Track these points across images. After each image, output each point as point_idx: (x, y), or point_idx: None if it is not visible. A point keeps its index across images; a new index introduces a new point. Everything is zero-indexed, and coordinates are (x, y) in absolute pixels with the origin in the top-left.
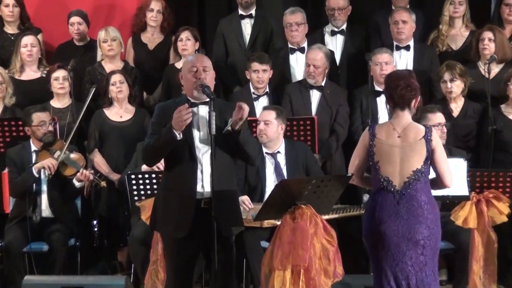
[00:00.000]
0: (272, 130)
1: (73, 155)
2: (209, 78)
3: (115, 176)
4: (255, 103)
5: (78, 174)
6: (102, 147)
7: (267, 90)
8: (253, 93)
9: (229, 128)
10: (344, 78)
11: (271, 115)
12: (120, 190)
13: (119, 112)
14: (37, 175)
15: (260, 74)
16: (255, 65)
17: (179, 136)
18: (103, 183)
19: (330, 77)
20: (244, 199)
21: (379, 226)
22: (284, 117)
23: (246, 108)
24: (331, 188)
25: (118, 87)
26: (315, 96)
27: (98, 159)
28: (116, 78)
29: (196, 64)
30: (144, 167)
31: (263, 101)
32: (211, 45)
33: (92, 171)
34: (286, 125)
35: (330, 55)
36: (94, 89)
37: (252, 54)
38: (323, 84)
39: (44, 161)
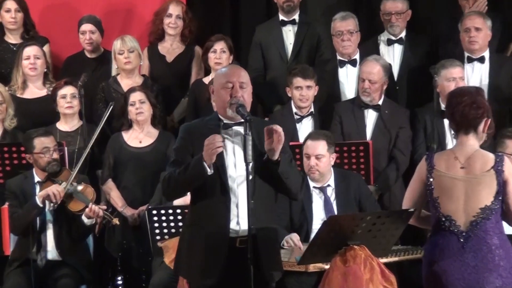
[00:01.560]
0: (325, 164)
1: (81, 187)
2: (247, 95)
3: (129, 211)
4: (297, 125)
5: (87, 209)
6: (117, 177)
7: (312, 110)
8: (296, 113)
9: (265, 158)
10: (404, 96)
11: (322, 146)
12: (138, 227)
13: (139, 136)
14: (41, 205)
15: (303, 91)
16: (298, 81)
17: (210, 170)
18: (116, 220)
19: (387, 94)
20: (294, 237)
21: (440, 275)
22: (334, 144)
23: (278, 129)
24: (390, 225)
25: (138, 107)
26: (370, 117)
27: (111, 190)
28: (136, 96)
29: (231, 79)
30: (177, 201)
31: (307, 123)
32: (246, 57)
33: (104, 206)
34: (335, 151)
35: (389, 68)
36: (111, 108)
37: (294, 68)
38: (380, 102)
39: (49, 188)
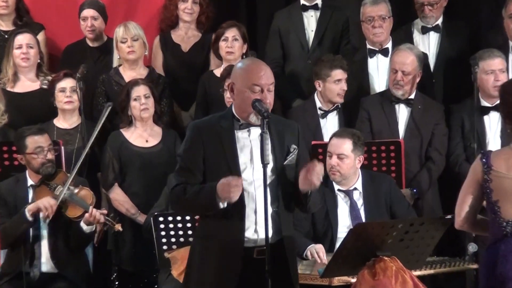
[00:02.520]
0: (348, 166)
1: (79, 191)
2: (272, 98)
3: (143, 218)
4: (321, 121)
5: (86, 215)
6: (124, 182)
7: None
8: (320, 108)
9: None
10: (440, 90)
11: (347, 146)
12: (146, 236)
13: (143, 135)
14: (30, 219)
15: (343, 85)
16: (338, 74)
17: (223, 205)
18: (118, 226)
19: (421, 88)
20: (319, 250)
21: (504, 283)
22: (362, 144)
23: (317, 168)
24: (424, 234)
25: (144, 103)
26: (402, 112)
27: (120, 196)
28: (140, 91)
29: (260, 82)
30: None
31: (333, 119)
32: (263, 47)
33: (105, 211)
34: (364, 151)
35: (424, 59)
36: (110, 108)
37: (329, 58)
38: (412, 96)
39: (40, 201)
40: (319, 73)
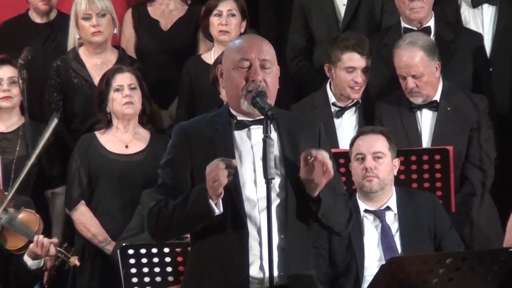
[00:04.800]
0: (387, 168)
1: (21, 215)
2: (270, 79)
3: (113, 247)
4: (336, 121)
5: (31, 246)
6: (92, 199)
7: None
8: (334, 104)
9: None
10: (501, 80)
11: (382, 142)
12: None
13: (123, 138)
14: None
15: (358, 74)
16: (352, 58)
17: (217, 209)
18: (74, 259)
19: (477, 81)
20: None
21: None
22: (395, 145)
23: (321, 157)
24: (481, 272)
25: (128, 95)
26: (426, 119)
27: (86, 218)
28: (125, 79)
29: (249, 56)
30: None
31: (350, 119)
32: (268, 25)
33: (56, 239)
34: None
35: (434, 45)
36: (56, 120)
37: (343, 38)
38: (437, 97)
39: None
40: (330, 55)
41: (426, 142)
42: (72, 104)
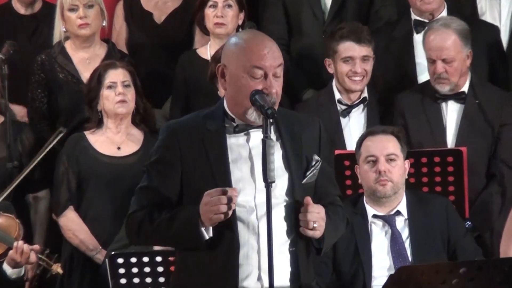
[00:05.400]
0: (400, 171)
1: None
2: (280, 87)
3: (103, 255)
4: (343, 121)
5: (11, 253)
6: (81, 204)
7: (366, 94)
8: (339, 101)
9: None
10: None
11: (394, 144)
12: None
13: (115, 139)
14: None
15: (356, 63)
16: (348, 47)
17: (207, 235)
18: (57, 267)
19: (492, 75)
20: None
21: None
22: (406, 145)
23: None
24: (499, 282)
25: (121, 92)
26: (451, 112)
27: (74, 224)
28: (118, 75)
29: (263, 64)
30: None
31: (358, 117)
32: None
33: (38, 246)
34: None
35: (468, 32)
36: (62, 134)
37: (339, 27)
38: (465, 88)
39: None
40: (328, 49)
41: (451, 135)
42: (57, 100)
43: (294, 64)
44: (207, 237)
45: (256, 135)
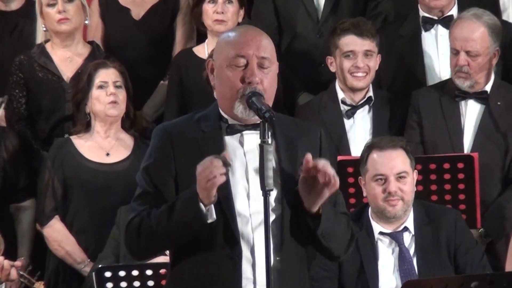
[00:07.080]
0: (410, 188)
1: None
2: (268, 81)
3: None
4: (347, 123)
5: None
6: (67, 213)
7: (371, 94)
8: (343, 101)
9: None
10: None
11: (404, 159)
12: None
13: (104, 144)
14: None
15: (359, 59)
16: (349, 41)
17: (209, 216)
18: (40, 285)
19: (506, 74)
20: None
21: None
22: (413, 155)
23: (325, 169)
24: None
25: (112, 93)
26: (471, 112)
27: (60, 235)
28: (109, 75)
29: (245, 51)
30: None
31: (364, 119)
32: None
33: (19, 262)
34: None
35: (500, 29)
36: (4, 102)
37: (342, 22)
38: (488, 88)
39: None
40: (329, 46)
41: (469, 136)
42: (37, 100)
43: (287, 66)
44: (210, 220)
45: (251, 138)
